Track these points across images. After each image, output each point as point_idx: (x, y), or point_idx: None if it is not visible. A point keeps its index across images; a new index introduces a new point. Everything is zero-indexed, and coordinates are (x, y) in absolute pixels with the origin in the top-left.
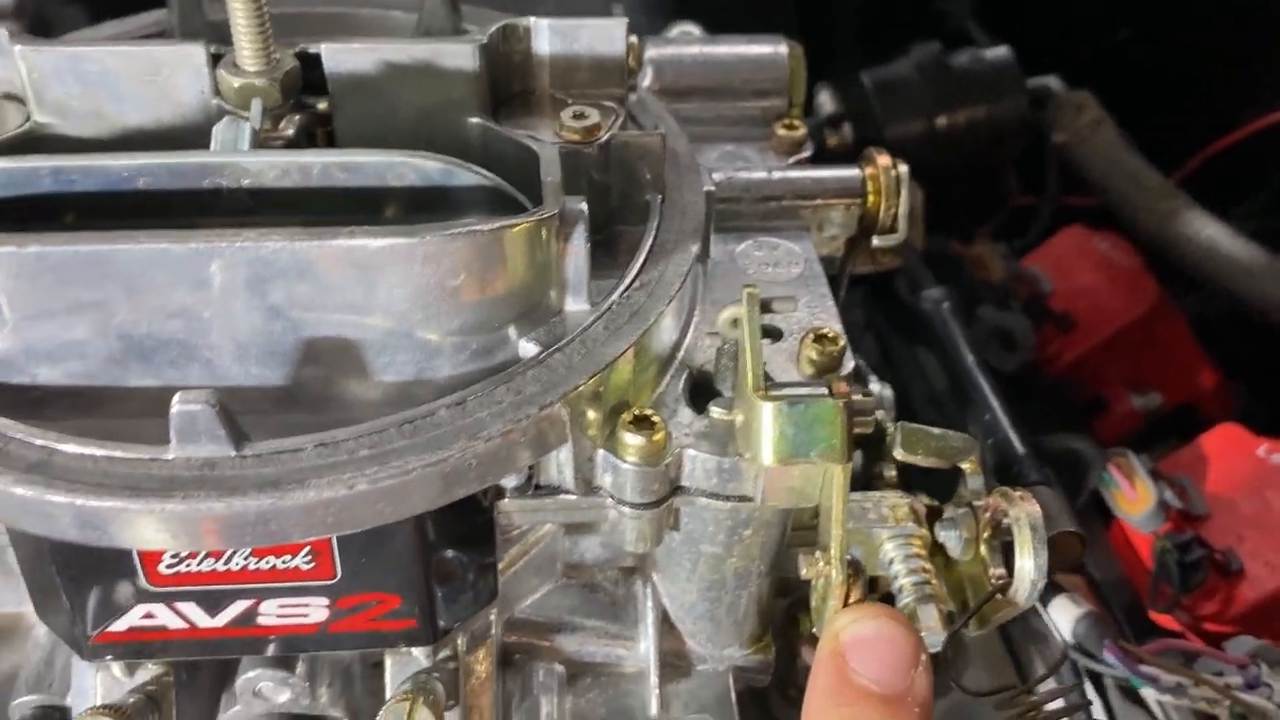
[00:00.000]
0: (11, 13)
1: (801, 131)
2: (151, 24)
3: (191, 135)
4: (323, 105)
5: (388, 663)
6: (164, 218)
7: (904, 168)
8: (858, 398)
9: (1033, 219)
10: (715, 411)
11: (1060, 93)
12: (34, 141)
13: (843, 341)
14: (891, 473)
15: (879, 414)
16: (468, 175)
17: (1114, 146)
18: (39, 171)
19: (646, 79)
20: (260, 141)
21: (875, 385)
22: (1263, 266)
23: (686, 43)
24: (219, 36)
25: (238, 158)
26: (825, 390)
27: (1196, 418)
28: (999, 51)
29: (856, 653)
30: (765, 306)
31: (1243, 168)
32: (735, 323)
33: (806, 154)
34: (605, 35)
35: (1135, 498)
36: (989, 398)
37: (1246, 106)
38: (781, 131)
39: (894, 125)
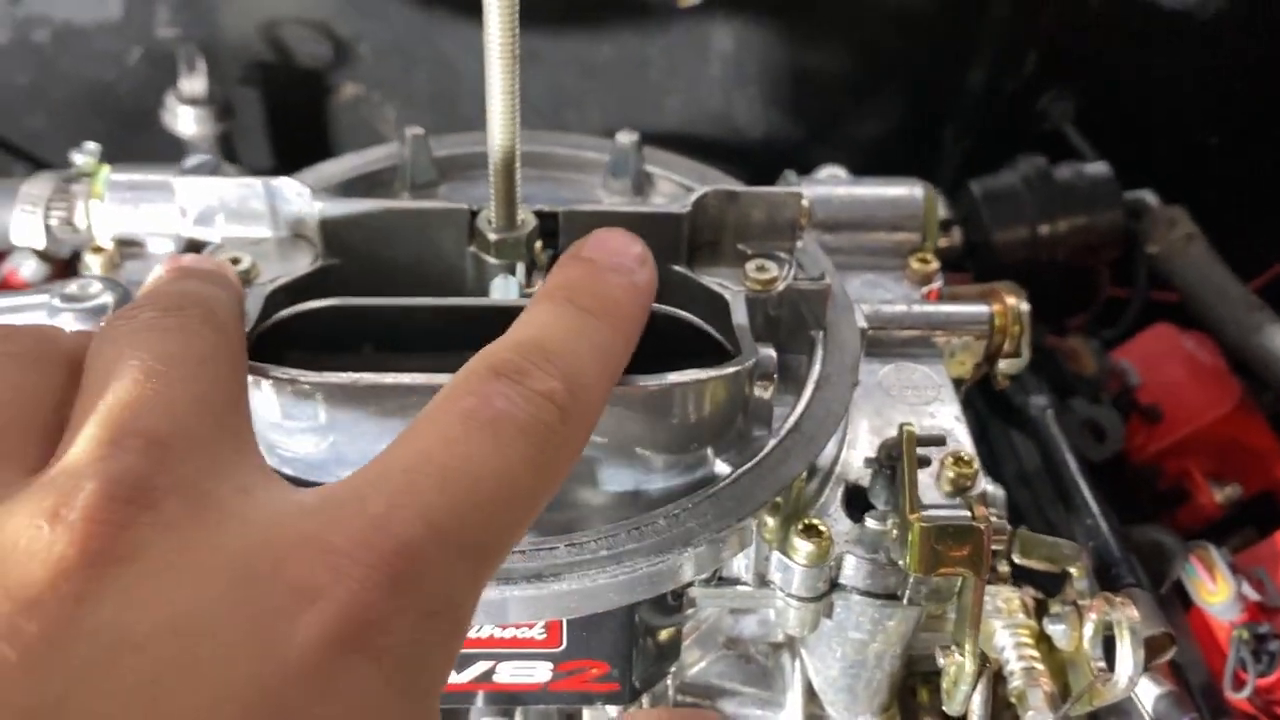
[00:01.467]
0: (204, 100)
1: (934, 266)
2: (385, 157)
3: (449, 275)
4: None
5: (585, 716)
6: (444, 349)
7: (1026, 306)
8: (994, 519)
9: (1123, 312)
10: (871, 523)
11: (1155, 207)
12: (323, 276)
13: (976, 464)
14: (1005, 568)
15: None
16: (683, 321)
17: (1203, 260)
18: (364, 306)
19: None
20: (523, 292)
21: (990, 486)
22: None
23: (835, 183)
24: (441, 171)
25: (519, 301)
26: (968, 513)
27: (1276, 508)
28: (1098, 167)
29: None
30: (919, 442)
31: None
32: (890, 452)
33: (938, 285)
34: (782, 202)
35: (1215, 589)
36: (1091, 504)
37: None
38: (916, 265)
39: (1000, 231)
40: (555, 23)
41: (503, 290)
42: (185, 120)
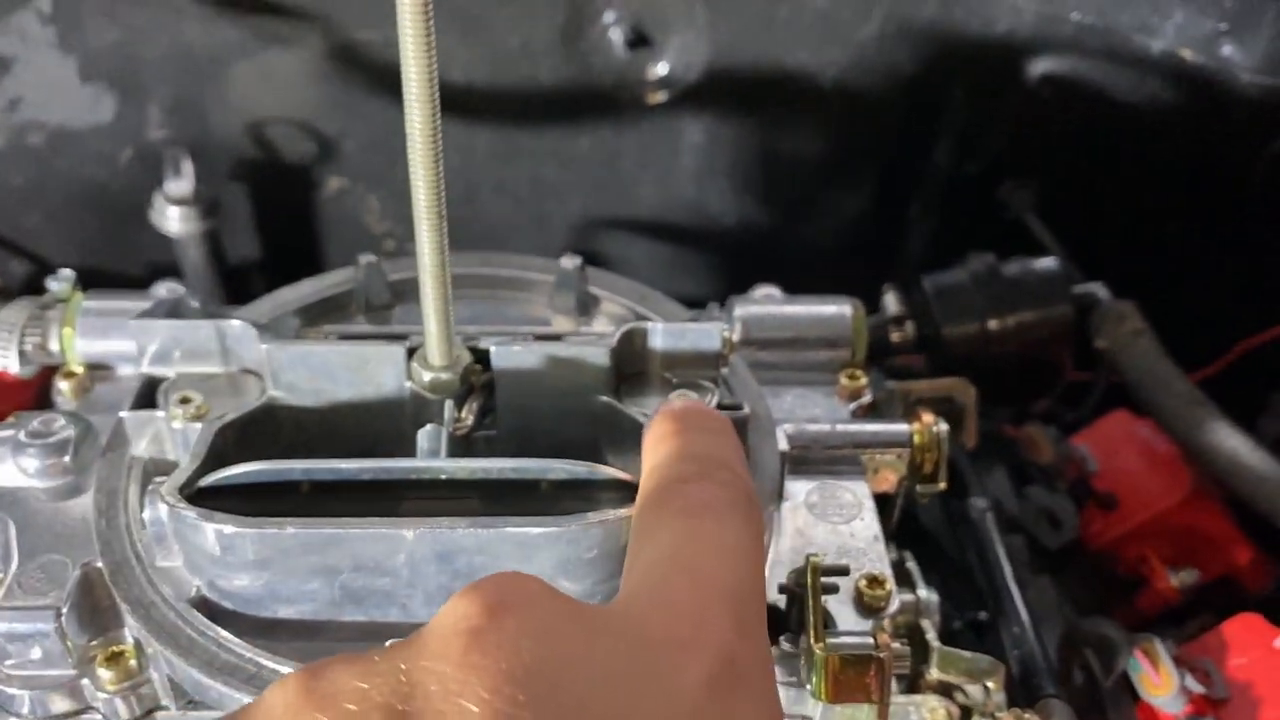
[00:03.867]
0: (190, 200)
1: (862, 382)
2: (340, 282)
3: (388, 407)
4: (485, 379)
5: None
6: (378, 493)
7: (944, 426)
8: (895, 646)
9: (1083, 396)
10: (784, 645)
11: (1105, 301)
12: (269, 411)
13: (889, 585)
14: (933, 675)
15: (923, 622)
16: (601, 470)
17: (1150, 356)
18: (294, 469)
19: (736, 334)
20: (451, 433)
21: (923, 591)
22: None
23: (768, 302)
24: (395, 294)
25: (440, 464)
26: (872, 640)
27: (1233, 592)
28: (1047, 263)
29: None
30: (825, 571)
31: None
32: (799, 580)
33: (866, 400)
34: (706, 334)
35: (1159, 682)
36: (1020, 612)
37: None
38: (845, 381)
39: (950, 326)
40: (536, 119)
41: (429, 438)
42: (172, 219)
